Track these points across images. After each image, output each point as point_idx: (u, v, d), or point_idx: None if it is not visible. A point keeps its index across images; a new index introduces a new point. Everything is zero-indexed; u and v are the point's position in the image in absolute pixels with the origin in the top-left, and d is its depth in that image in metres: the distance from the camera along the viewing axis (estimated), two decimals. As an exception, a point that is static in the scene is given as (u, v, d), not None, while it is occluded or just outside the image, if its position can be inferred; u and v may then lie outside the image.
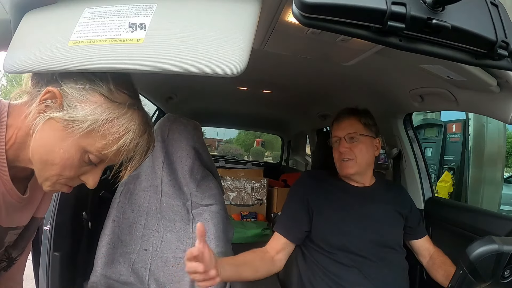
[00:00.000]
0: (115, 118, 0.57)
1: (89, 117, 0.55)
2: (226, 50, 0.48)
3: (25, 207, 0.67)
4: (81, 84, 0.56)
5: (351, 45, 0.90)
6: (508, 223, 1.04)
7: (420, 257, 1.20)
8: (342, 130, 1.14)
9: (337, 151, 1.15)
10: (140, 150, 0.61)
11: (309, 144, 3.23)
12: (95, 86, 0.57)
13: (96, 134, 0.56)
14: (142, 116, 0.61)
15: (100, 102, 0.56)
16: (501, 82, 0.84)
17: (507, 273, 0.66)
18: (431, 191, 1.45)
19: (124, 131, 0.57)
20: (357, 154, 1.12)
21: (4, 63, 0.54)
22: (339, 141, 1.15)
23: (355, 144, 1.12)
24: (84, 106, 0.56)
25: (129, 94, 0.60)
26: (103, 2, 0.55)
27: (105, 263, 1.13)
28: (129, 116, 0.58)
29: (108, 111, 0.56)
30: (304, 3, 0.45)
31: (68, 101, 0.56)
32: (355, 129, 1.13)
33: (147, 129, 0.62)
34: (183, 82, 1.78)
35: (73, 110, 0.55)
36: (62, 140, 0.56)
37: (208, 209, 1.19)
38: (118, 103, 0.58)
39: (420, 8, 0.48)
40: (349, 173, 1.13)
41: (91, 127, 0.56)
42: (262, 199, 2.61)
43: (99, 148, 0.57)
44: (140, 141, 0.60)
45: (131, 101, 0.60)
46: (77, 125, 0.55)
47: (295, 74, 1.42)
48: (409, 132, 1.47)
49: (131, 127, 0.58)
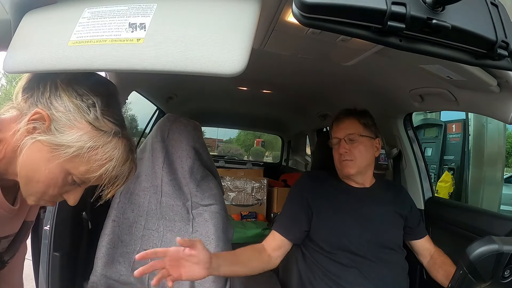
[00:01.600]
0: (100, 146, 0.59)
1: (75, 143, 0.57)
2: (226, 50, 0.48)
3: (16, 216, 0.69)
4: (69, 109, 0.58)
5: (351, 45, 0.90)
6: (508, 223, 1.04)
7: (421, 257, 1.20)
8: (342, 131, 1.14)
9: (337, 152, 1.15)
10: (122, 176, 0.63)
11: (309, 144, 3.23)
12: (82, 112, 0.58)
13: (81, 160, 0.58)
14: (126, 144, 0.63)
15: (86, 129, 0.58)
16: (501, 82, 0.84)
17: (507, 273, 0.66)
18: (431, 191, 1.45)
19: (108, 159, 0.59)
20: (357, 155, 1.11)
21: (4, 63, 0.54)
22: (339, 142, 1.15)
23: (355, 145, 1.12)
24: (71, 132, 0.57)
25: (115, 122, 0.62)
26: (103, 2, 0.55)
27: (105, 263, 1.13)
28: (114, 144, 0.60)
29: (93, 139, 0.58)
30: (304, 3, 0.45)
31: (55, 124, 0.57)
32: (354, 130, 1.13)
33: (130, 156, 0.64)
34: (183, 82, 1.78)
35: (60, 135, 0.57)
36: (47, 161, 0.58)
37: (208, 209, 1.19)
38: (104, 131, 0.59)
39: (420, 8, 0.48)
40: (349, 173, 1.13)
41: (76, 153, 0.57)
42: (262, 199, 2.61)
43: (83, 172, 0.59)
44: (123, 169, 0.62)
45: (117, 129, 0.61)
46: (63, 150, 0.57)
47: (295, 74, 1.42)
48: (409, 132, 1.47)
49: (114, 155, 0.60)
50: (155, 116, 2.40)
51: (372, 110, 1.24)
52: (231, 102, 2.42)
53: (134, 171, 0.66)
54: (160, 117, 1.86)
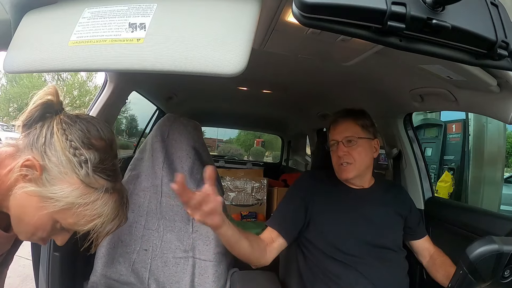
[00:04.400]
0: (90, 203, 0.59)
1: (64, 198, 0.57)
2: (226, 50, 0.48)
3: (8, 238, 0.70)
4: (61, 161, 0.57)
5: (351, 45, 0.90)
6: (508, 223, 1.04)
7: (420, 257, 1.20)
8: (339, 134, 1.13)
9: (335, 154, 1.13)
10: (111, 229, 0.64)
11: (309, 144, 3.23)
12: (74, 168, 0.58)
13: (70, 213, 0.59)
14: (117, 199, 0.63)
15: (77, 185, 0.58)
16: (501, 82, 0.84)
17: (507, 273, 0.66)
18: (431, 191, 1.44)
19: (97, 215, 0.60)
20: (356, 157, 1.10)
21: (4, 63, 0.54)
22: (336, 144, 1.13)
23: (353, 147, 1.10)
24: (62, 186, 0.57)
25: (107, 179, 0.61)
26: (103, 2, 0.55)
27: (105, 263, 1.13)
28: (104, 201, 0.60)
29: (83, 196, 0.58)
30: (304, 3, 0.45)
31: (47, 175, 0.57)
32: (352, 132, 1.11)
33: (120, 212, 0.63)
34: (183, 82, 1.78)
35: (50, 187, 0.57)
36: (37, 209, 0.58)
37: (208, 209, 1.19)
38: (95, 188, 0.59)
39: (420, 8, 0.48)
40: (348, 177, 1.12)
41: (65, 207, 0.58)
42: (262, 199, 2.61)
43: (71, 224, 0.60)
44: (111, 225, 0.63)
45: (108, 185, 0.61)
46: (52, 203, 0.57)
47: (295, 74, 1.42)
48: (409, 132, 1.47)
49: (104, 212, 0.60)
50: (155, 116, 2.40)
51: (372, 110, 1.24)
52: (231, 102, 2.42)
53: (123, 223, 0.66)
54: (160, 117, 1.86)
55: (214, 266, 1.14)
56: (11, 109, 15.97)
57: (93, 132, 0.62)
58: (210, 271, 1.13)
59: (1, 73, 13.36)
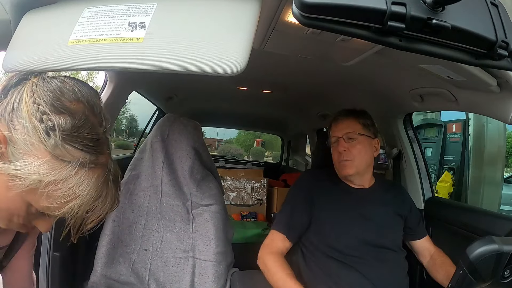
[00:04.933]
0: (61, 180, 0.48)
1: (30, 176, 0.47)
2: (226, 49, 0.48)
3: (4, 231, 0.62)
4: (27, 130, 0.47)
5: (351, 45, 0.90)
6: (508, 223, 1.04)
7: (421, 257, 1.20)
8: (341, 130, 1.14)
9: (336, 151, 1.15)
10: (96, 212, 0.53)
11: (309, 144, 3.23)
12: (40, 136, 0.47)
13: (40, 194, 0.49)
14: (99, 174, 0.52)
15: (45, 158, 0.48)
16: (501, 82, 0.84)
17: (507, 273, 0.66)
18: (431, 191, 1.45)
19: (72, 196, 0.49)
20: (355, 154, 1.11)
21: (4, 63, 0.54)
22: (337, 141, 1.15)
23: (354, 144, 1.12)
24: (28, 160, 0.48)
25: (83, 149, 0.49)
26: (103, 2, 0.55)
27: (105, 263, 1.14)
28: (80, 178, 0.49)
29: (53, 173, 0.48)
30: (304, 3, 0.45)
31: (13, 148, 0.48)
32: (353, 128, 1.13)
33: (105, 191, 0.53)
34: (183, 82, 1.78)
35: (16, 162, 0.48)
36: (6, 190, 0.49)
37: (208, 209, 1.19)
38: (67, 162, 0.48)
39: (420, 8, 0.48)
40: (348, 173, 1.13)
41: (33, 186, 0.48)
42: (262, 199, 2.61)
43: (44, 208, 0.51)
44: (94, 207, 0.52)
45: (86, 158, 0.50)
46: (19, 181, 0.48)
47: (295, 74, 1.42)
48: (409, 132, 1.47)
49: (81, 192, 0.50)
50: (155, 116, 2.40)
51: (372, 110, 1.24)
52: (231, 102, 2.42)
53: (116, 204, 0.56)
54: (160, 117, 1.86)
55: (214, 266, 1.14)
56: (11, 109, 15.96)
57: (68, 93, 0.51)
58: (210, 271, 1.13)
59: (1, 73, 13.36)
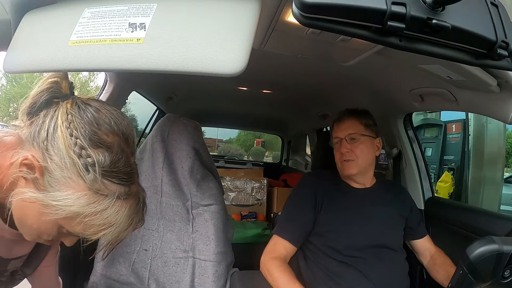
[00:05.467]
0: (99, 212, 0.50)
1: (68, 207, 0.49)
2: (226, 50, 0.48)
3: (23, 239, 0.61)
4: (65, 163, 0.48)
5: (351, 45, 0.90)
6: (508, 223, 1.04)
7: (421, 257, 1.20)
8: (343, 131, 1.15)
9: (338, 152, 1.15)
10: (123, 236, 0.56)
11: (309, 144, 3.23)
12: (79, 171, 0.49)
13: (76, 221, 0.51)
14: (132, 204, 0.54)
15: (84, 191, 0.49)
16: (501, 82, 0.84)
17: (507, 273, 0.66)
18: (431, 191, 1.45)
19: (107, 225, 0.51)
20: (358, 154, 1.12)
21: (4, 63, 0.54)
22: (340, 142, 1.15)
23: (356, 144, 1.12)
24: (66, 192, 0.49)
25: (120, 183, 0.52)
26: (103, 2, 0.55)
27: (105, 263, 1.13)
28: (116, 208, 0.51)
29: (91, 205, 0.49)
30: (304, 3, 0.45)
31: (49, 177, 0.49)
32: (355, 129, 1.13)
33: (135, 218, 0.55)
34: (183, 82, 1.78)
35: (53, 192, 0.49)
36: (39, 215, 0.50)
37: (208, 209, 1.19)
38: (105, 195, 0.50)
39: (420, 8, 0.48)
40: (351, 173, 1.13)
41: (70, 215, 0.50)
42: (262, 199, 2.61)
43: (78, 232, 0.53)
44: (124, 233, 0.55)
45: (121, 190, 0.52)
46: (55, 210, 0.49)
47: (295, 74, 1.42)
48: (409, 132, 1.47)
49: (115, 221, 0.52)
50: (155, 116, 2.40)
51: (372, 110, 1.24)
52: (231, 102, 2.42)
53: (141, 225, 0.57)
54: (160, 117, 1.86)
55: (214, 266, 1.14)
56: (11, 109, 15.97)
57: (104, 125, 0.52)
58: (210, 271, 1.13)
59: (1, 73, 13.38)
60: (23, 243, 0.63)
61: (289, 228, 1.13)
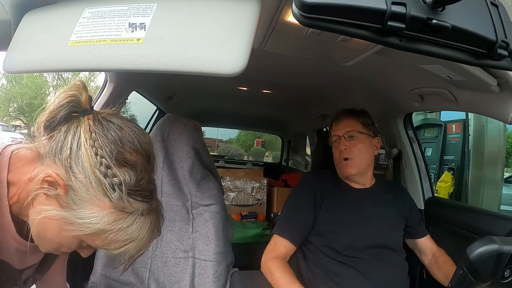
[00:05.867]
0: (124, 228, 0.51)
1: (94, 225, 0.49)
2: (226, 50, 0.48)
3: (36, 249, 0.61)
4: (90, 182, 0.49)
5: (351, 45, 0.90)
6: (508, 223, 1.04)
7: (423, 256, 1.20)
8: (341, 129, 1.15)
9: (337, 150, 1.16)
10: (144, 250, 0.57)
11: (309, 144, 3.23)
12: (105, 190, 0.49)
13: (99, 237, 0.51)
14: (153, 219, 0.55)
15: (109, 209, 0.50)
16: (501, 82, 0.84)
17: (507, 273, 0.66)
18: (431, 191, 1.45)
19: (130, 240, 0.52)
20: (356, 153, 1.12)
21: (4, 63, 0.54)
22: (338, 139, 1.16)
23: (354, 142, 1.12)
24: (90, 209, 0.49)
25: (143, 201, 0.53)
26: (103, 2, 0.55)
27: (105, 263, 1.13)
28: (139, 225, 0.52)
29: (116, 223, 0.50)
30: (304, 3, 0.45)
31: (73, 195, 0.49)
32: (353, 127, 1.14)
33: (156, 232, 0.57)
34: (183, 82, 1.78)
35: (77, 211, 0.49)
36: (61, 231, 0.51)
37: (208, 209, 1.19)
38: (129, 213, 0.51)
39: (420, 8, 0.48)
40: (350, 173, 1.13)
41: (94, 232, 0.50)
42: (262, 199, 2.61)
43: (99, 246, 0.53)
44: (145, 248, 0.56)
45: (145, 207, 0.53)
46: (79, 228, 0.50)
47: (295, 74, 1.42)
48: (409, 132, 1.47)
49: (138, 237, 0.53)
50: (155, 116, 2.40)
51: (372, 110, 1.24)
52: (231, 102, 2.42)
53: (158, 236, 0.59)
54: (160, 117, 1.86)
55: (214, 266, 1.14)
56: (11, 109, 15.96)
57: (128, 144, 0.52)
58: (210, 271, 1.13)
59: (1, 73, 13.37)
60: (36, 253, 0.63)
61: (289, 227, 1.13)
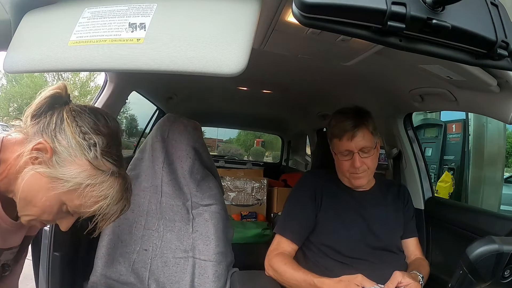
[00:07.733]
0: (97, 184, 0.62)
1: (73, 179, 0.60)
2: (226, 50, 0.48)
3: (18, 230, 0.72)
4: (71, 145, 0.61)
5: (351, 45, 0.90)
6: (508, 223, 1.04)
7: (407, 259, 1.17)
8: (355, 144, 1.06)
9: (348, 164, 1.09)
10: (115, 213, 0.66)
11: (309, 144, 3.23)
12: (83, 150, 0.61)
13: (77, 194, 0.62)
14: (121, 183, 0.66)
15: (85, 167, 0.61)
16: (501, 82, 0.84)
17: (507, 273, 0.66)
18: (431, 191, 1.45)
19: (103, 197, 0.63)
20: (370, 165, 1.09)
21: (4, 63, 0.54)
22: (351, 154, 1.08)
23: (367, 156, 1.08)
24: (71, 167, 0.61)
25: (113, 163, 0.65)
26: (103, 2, 0.55)
27: (105, 263, 1.13)
28: (110, 183, 0.63)
29: (91, 178, 0.61)
30: (304, 3, 0.45)
31: (57, 157, 0.61)
32: (368, 142, 1.07)
33: (124, 195, 0.67)
34: (183, 82, 1.78)
35: (60, 168, 0.60)
36: (46, 190, 0.61)
37: (208, 209, 1.19)
38: (102, 171, 0.63)
39: (420, 8, 0.48)
40: (361, 184, 1.11)
41: (73, 188, 0.61)
42: (262, 199, 2.61)
43: (77, 206, 0.63)
44: (116, 207, 0.65)
45: (114, 169, 0.65)
46: (61, 183, 0.60)
47: (295, 74, 1.42)
48: (409, 132, 1.47)
49: (109, 194, 0.63)
50: (155, 116, 2.40)
51: (372, 110, 1.24)
52: (231, 102, 2.42)
53: (127, 208, 0.69)
54: (160, 117, 1.86)
55: (214, 266, 1.14)
56: (11, 109, 15.94)
57: (101, 120, 0.66)
58: (210, 271, 1.13)
59: (1, 73, 13.36)
60: (17, 233, 0.72)
61: (290, 226, 1.12)
